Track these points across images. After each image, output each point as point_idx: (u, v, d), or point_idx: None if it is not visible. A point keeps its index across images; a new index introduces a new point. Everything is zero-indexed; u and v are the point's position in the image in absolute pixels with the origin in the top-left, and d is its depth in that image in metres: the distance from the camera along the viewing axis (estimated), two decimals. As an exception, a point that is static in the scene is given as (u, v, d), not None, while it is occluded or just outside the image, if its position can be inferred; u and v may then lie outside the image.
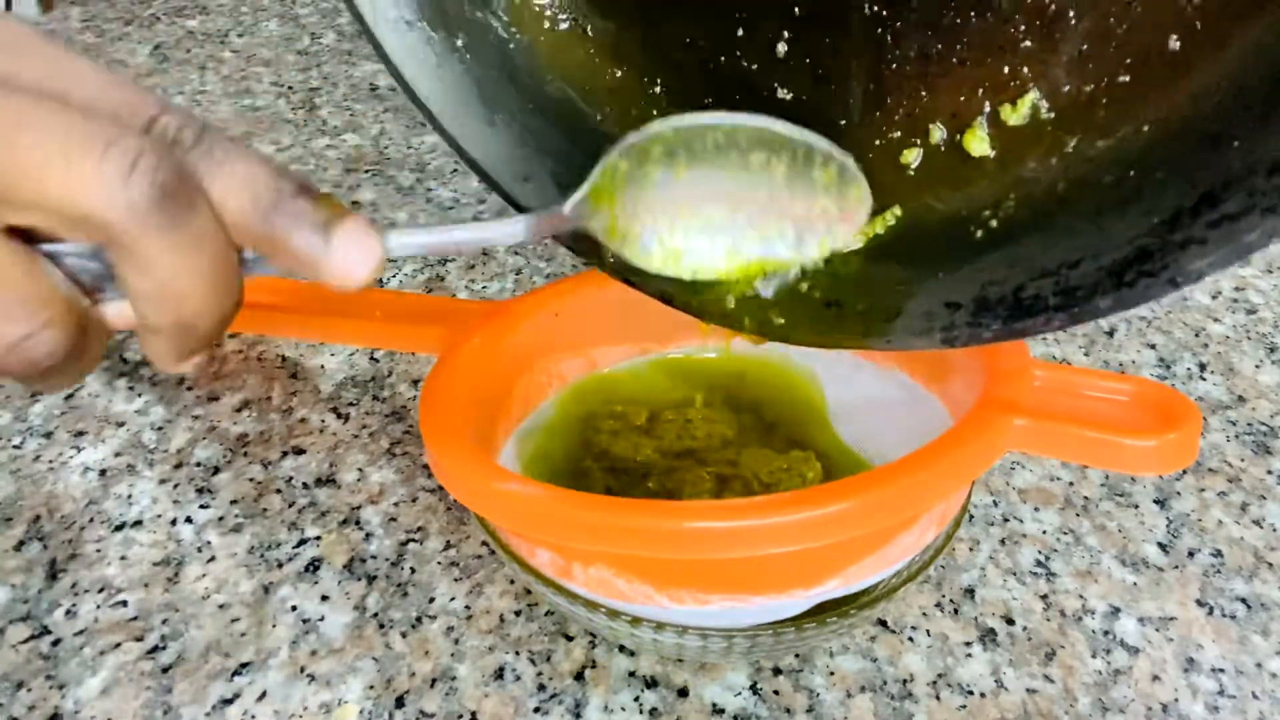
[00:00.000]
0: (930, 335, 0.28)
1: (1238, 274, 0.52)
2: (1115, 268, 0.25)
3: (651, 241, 0.29)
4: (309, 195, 0.26)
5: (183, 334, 0.26)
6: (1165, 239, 0.24)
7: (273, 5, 0.85)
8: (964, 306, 0.27)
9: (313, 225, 0.26)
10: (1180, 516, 0.38)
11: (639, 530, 0.27)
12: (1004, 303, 0.27)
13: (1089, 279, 0.25)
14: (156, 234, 0.23)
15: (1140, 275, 0.24)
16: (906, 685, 0.32)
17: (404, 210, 0.57)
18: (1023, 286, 0.27)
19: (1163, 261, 0.24)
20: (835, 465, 0.36)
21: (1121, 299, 0.25)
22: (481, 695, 0.32)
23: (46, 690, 0.32)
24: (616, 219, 0.29)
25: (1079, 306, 0.25)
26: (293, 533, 0.37)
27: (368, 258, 0.26)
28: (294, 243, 0.26)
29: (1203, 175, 0.24)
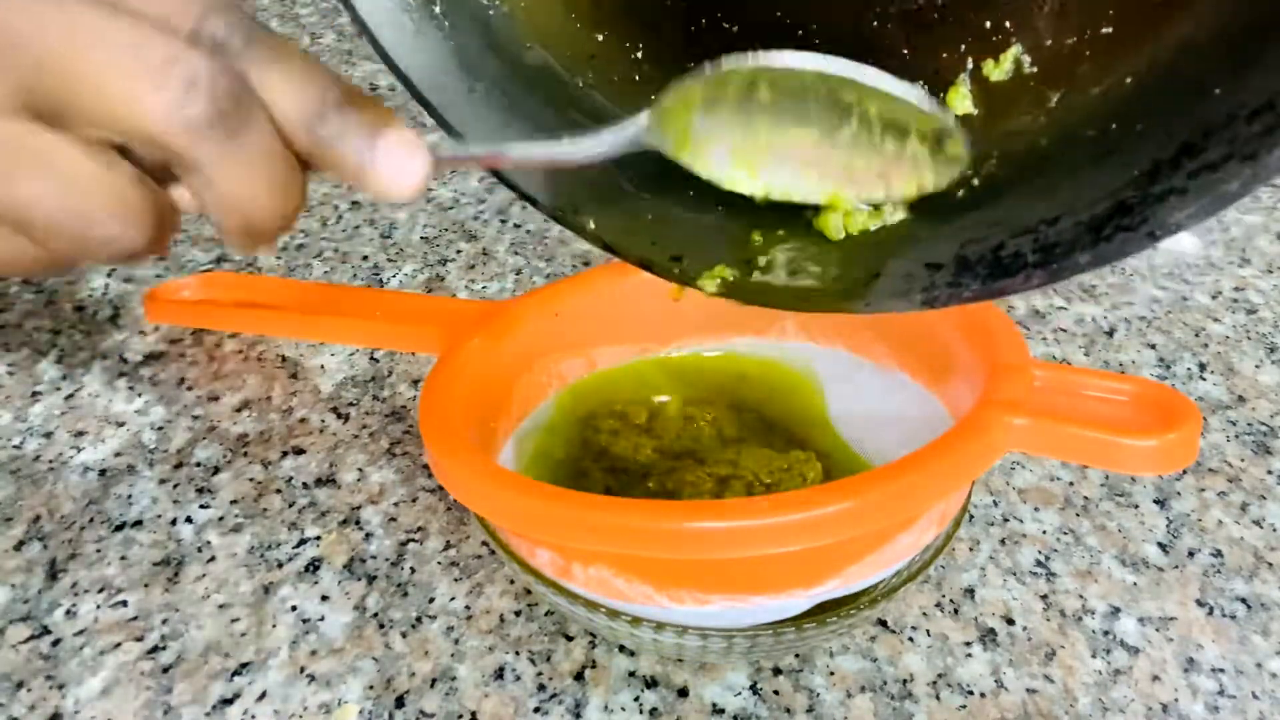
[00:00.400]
0: (910, 296, 0.27)
1: (1238, 274, 0.52)
2: (1094, 223, 0.25)
3: (725, 159, 0.28)
4: (357, 103, 0.26)
5: (250, 231, 0.26)
6: (1145, 191, 0.24)
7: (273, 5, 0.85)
8: (944, 267, 0.27)
9: (358, 134, 0.25)
10: (1180, 516, 0.38)
11: (639, 530, 0.27)
12: (984, 261, 0.27)
13: (1068, 235, 0.25)
14: (215, 148, 0.24)
15: (1118, 229, 0.24)
16: (906, 685, 0.32)
17: (404, 210, 0.57)
18: (1002, 245, 0.26)
19: (1141, 215, 0.24)
20: (835, 465, 0.36)
21: (1100, 254, 0.25)
22: (481, 695, 0.32)
23: (46, 690, 0.32)
24: (690, 133, 0.28)
25: (1058, 263, 0.25)
26: (293, 533, 0.37)
27: (414, 166, 0.26)
28: (340, 151, 0.26)
29: (1183, 125, 0.24)
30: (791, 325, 0.40)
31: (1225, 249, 0.54)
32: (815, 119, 0.28)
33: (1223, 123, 0.23)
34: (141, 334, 0.47)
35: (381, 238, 0.55)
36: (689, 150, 0.28)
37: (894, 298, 0.28)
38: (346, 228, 0.56)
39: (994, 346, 0.31)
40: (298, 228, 0.55)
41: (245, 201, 0.25)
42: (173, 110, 0.23)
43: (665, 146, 0.28)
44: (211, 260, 0.53)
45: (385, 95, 0.70)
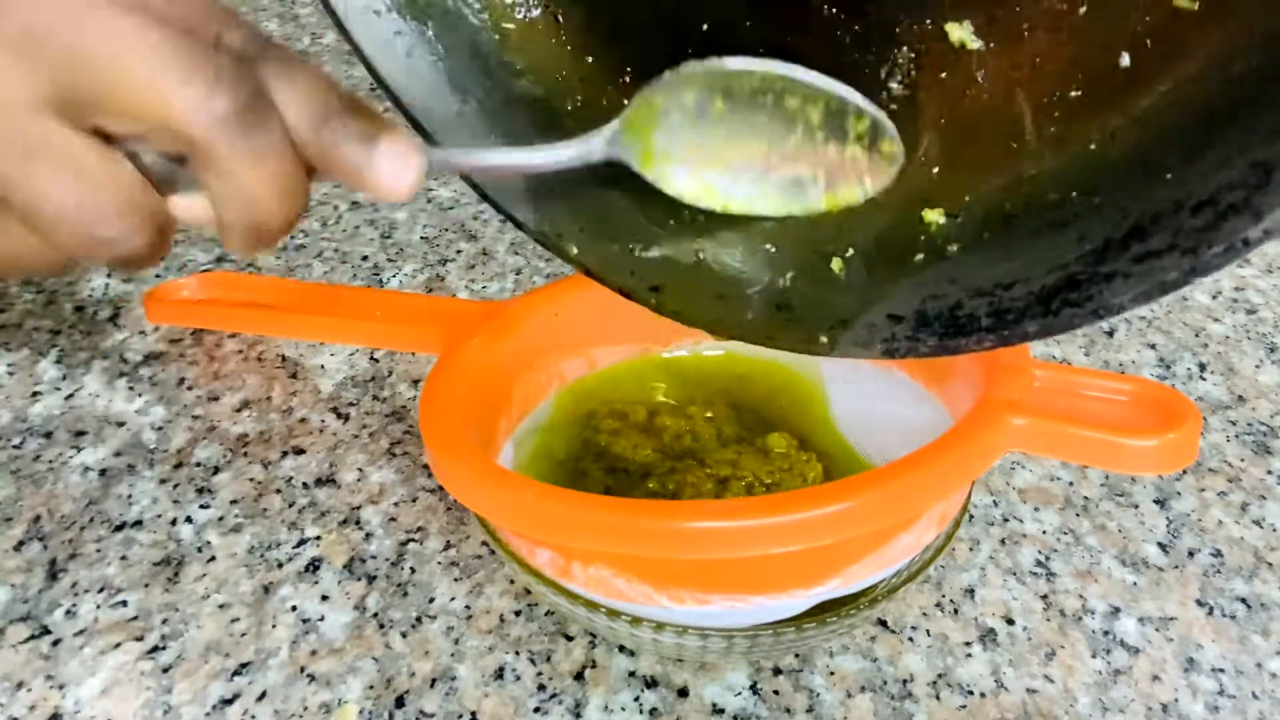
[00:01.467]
0: (871, 346, 0.29)
1: (1238, 274, 0.52)
2: (1044, 294, 0.26)
3: (684, 173, 0.30)
4: (356, 110, 0.28)
5: (254, 231, 0.28)
6: (1093, 269, 0.25)
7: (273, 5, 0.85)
8: (905, 320, 0.28)
9: (358, 139, 0.27)
10: (1180, 516, 0.38)
11: (639, 530, 0.27)
12: (941, 319, 0.28)
13: (1020, 303, 0.27)
14: (235, 145, 0.26)
15: (1065, 304, 0.26)
16: (906, 685, 0.32)
17: (404, 210, 0.57)
18: (960, 304, 0.28)
19: (1088, 292, 0.25)
20: (835, 465, 0.36)
21: (1048, 325, 0.26)
22: (481, 695, 0.32)
23: (46, 690, 0.32)
24: (653, 148, 0.29)
25: (1008, 329, 0.27)
26: (293, 533, 0.37)
27: (409, 170, 0.28)
28: (341, 155, 0.27)
29: (1135, 205, 0.25)
30: (791, 325, 0.40)
31: (1225, 249, 0.54)
32: (764, 129, 0.29)
33: (1170, 210, 0.24)
34: (141, 334, 0.47)
35: (381, 238, 0.55)
36: (652, 165, 0.30)
37: (857, 346, 0.29)
38: (346, 228, 0.56)
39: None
40: (298, 227, 0.55)
41: (256, 199, 0.27)
42: (200, 103, 0.25)
43: (631, 160, 0.30)
44: (211, 260, 0.53)
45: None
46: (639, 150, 0.29)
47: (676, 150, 0.30)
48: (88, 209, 0.26)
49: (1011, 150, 0.29)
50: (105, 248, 0.27)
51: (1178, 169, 0.25)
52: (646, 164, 0.30)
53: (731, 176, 0.30)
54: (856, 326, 0.29)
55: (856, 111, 0.29)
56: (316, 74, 0.28)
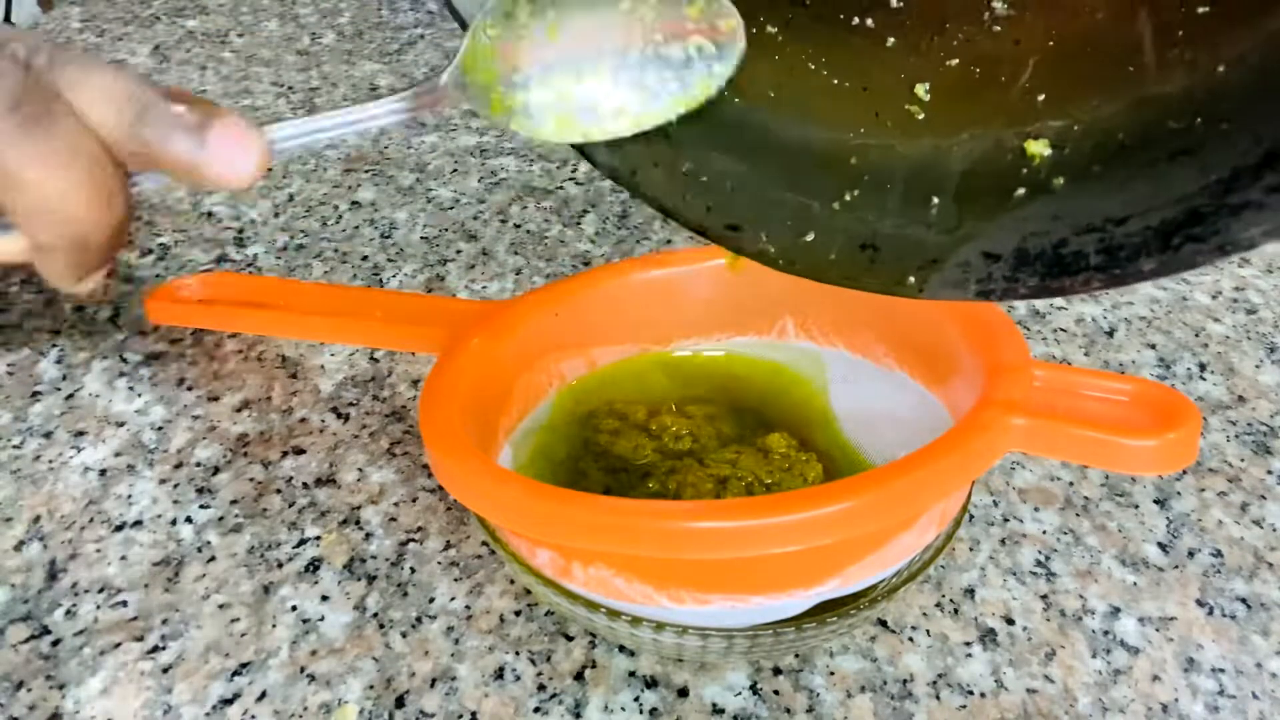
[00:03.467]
0: (965, 287, 0.27)
1: (1238, 274, 0.52)
2: (1164, 228, 0.24)
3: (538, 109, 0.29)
4: (180, 100, 0.26)
5: (75, 250, 0.26)
6: (1220, 201, 0.23)
7: (273, 5, 0.85)
8: (1003, 258, 0.26)
9: (185, 129, 0.25)
10: (1180, 516, 0.38)
11: (639, 530, 0.27)
12: (1043, 258, 0.26)
13: (1135, 239, 0.24)
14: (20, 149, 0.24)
15: (1189, 239, 0.23)
16: (906, 685, 0.32)
17: (404, 210, 0.57)
18: (1065, 241, 0.25)
19: (1214, 226, 0.23)
20: (836, 465, 0.36)
21: (1167, 263, 0.24)
22: (481, 695, 0.32)
23: (46, 690, 0.32)
24: (500, 91, 0.28)
25: (1121, 268, 0.24)
26: (293, 533, 0.37)
27: (248, 153, 0.26)
28: (169, 149, 0.26)
29: (1269, 132, 0.23)
30: (792, 325, 0.40)
31: (1225, 249, 0.54)
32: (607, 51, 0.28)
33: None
34: (141, 334, 0.47)
35: (381, 238, 0.55)
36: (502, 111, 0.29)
37: (949, 287, 0.27)
38: (346, 228, 0.56)
39: (994, 346, 0.31)
40: (297, 228, 0.55)
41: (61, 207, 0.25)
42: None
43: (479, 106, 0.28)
44: (211, 260, 0.53)
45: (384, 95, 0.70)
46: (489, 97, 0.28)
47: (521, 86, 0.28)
48: None
49: (1128, 75, 0.26)
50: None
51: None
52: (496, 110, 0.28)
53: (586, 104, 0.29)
54: (948, 266, 0.27)
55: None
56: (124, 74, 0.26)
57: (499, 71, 0.28)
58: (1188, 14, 0.25)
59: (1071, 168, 0.27)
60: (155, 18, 0.82)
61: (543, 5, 0.28)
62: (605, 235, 0.55)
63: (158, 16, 0.82)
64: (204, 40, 0.78)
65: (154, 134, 0.25)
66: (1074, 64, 0.27)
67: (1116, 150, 0.26)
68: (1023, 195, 0.27)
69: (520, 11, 0.27)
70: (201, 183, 0.26)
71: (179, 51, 0.76)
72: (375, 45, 0.78)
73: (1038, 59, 0.28)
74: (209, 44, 0.77)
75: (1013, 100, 0.28)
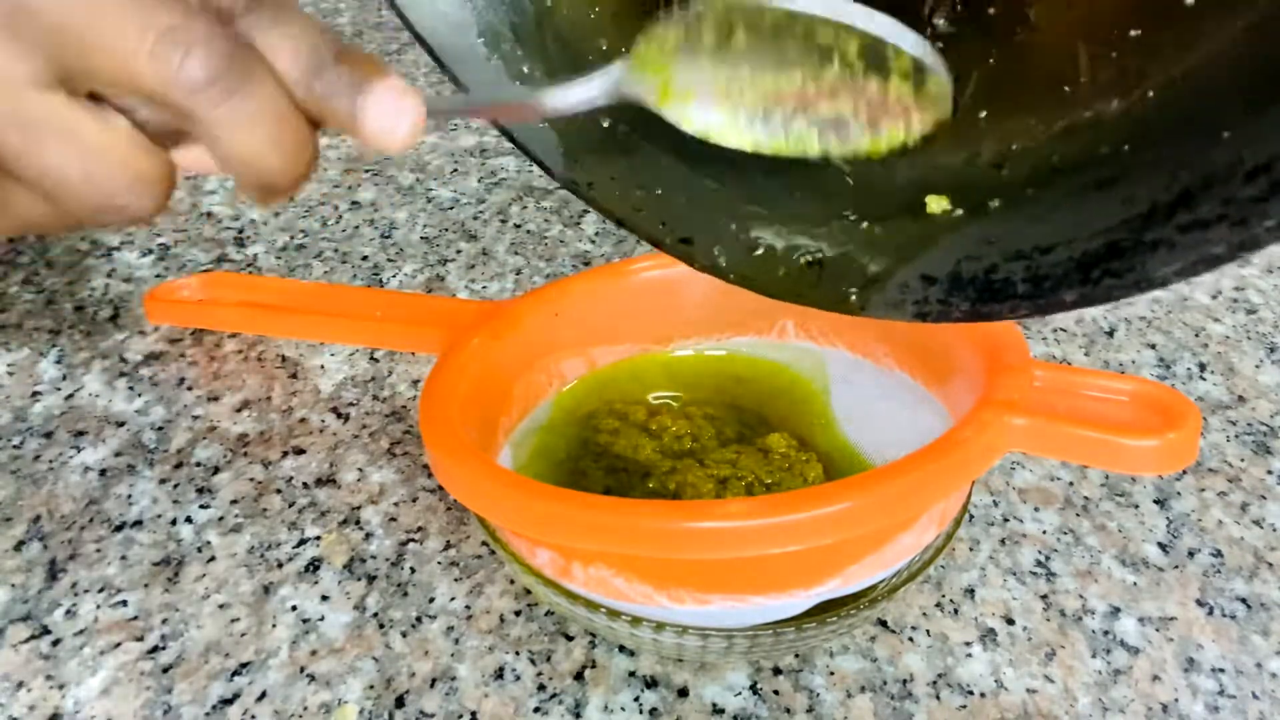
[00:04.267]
0: (903, 308, 0.28)
1: (1238, 274, 0.52)
2: (1085, 260, 0.25)
3: (708, 110, 0.28)
4: (349, 58, 0.27)
5: (264, 188, 0.28)
6: (1137, 237, 0.24)
7: (273, 5, 0.85)
8: (939, 281, 0.27)
9: (350, 85, 0.27)
10: (1180, 516, 0.38)
11: (639, 530, 0.27)
12: (975, 283, 0.27)
13: (1058, 269, 0.25)
14: (219, 111, 0.25)
15: (1106, 274, 0.24)
16: (906, 685, 0.32)
17: (404, 210, 0.57)
18: (995, 267, 0.26)
19: (1130, 261, 0.24)
20: (836, 465, 0.36)
21: (1086, 295, 0.25)
22: (481, 695, 0.32)
23: (46, 690, 0.32)
24: (672, 84, 0.28)
25: (1045, 298, 0.25)
26: (293, 533, 0.37)
27: (403, 117, 0.27)
28: (334, 105, 0.27)
29: (1186, 166, 0.24)
30: (792, 325, 0.40)
31: (1225, 249, 0.54)
32: (797, 62, 0.27)
33: (1223, 175, 0.23)
34: (141, 334, 0.47)
35: (381, 238, 0.55)
36: (671, 100, 0.28)
37: (888, 307, 0.28)
38: (346, 228, 0.56)
39: (994, 346, 0.31)
40: (298, 228, 0.55)
41: (254, 157, 0.27)
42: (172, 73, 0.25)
43: (647, 98, 0.28)
44: (211, 260, 0.53)
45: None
46: (656, 87, 0.28)
47: (699, 86, 0.28)
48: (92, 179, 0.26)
49: (1064, 95, 0.27)
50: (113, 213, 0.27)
51: (1236, 127, 0.23)
52: (664, 101, 0.28)
53: (762, 113, 0.28)
54: (889, 287, 0.28)
55: (896, 49, 0.26)
56: (308, 23, 0.27)
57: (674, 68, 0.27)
58: (1121, 36, 0.26)
59: (1008, 189, 0.28)
60: (155, 18, 0.82)
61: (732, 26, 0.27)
62: (605, 235, 0.55)
63: (158, 16, 0.82)
64: (204, 40, 0.78)
65: (323, 90, 0.27)
66: (1014, 82, 0.28)
67: (1050, 174, 0.27)
68: (961, 216, 0.28)
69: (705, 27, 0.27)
70: (358, 138, 0.27)
71: (179, 51, 0.76)
72: (375, 45, 0.78)
73: (979, 75, 0.29)
74: (209, 44, 0.77)
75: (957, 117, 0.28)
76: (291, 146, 0.27)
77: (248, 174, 0.27)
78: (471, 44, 0.31)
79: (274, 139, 0.26)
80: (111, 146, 0.26)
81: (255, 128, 0.26)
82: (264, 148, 0.26)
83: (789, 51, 0.27)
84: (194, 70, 0.25)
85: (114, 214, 0.27)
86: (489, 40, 0.31)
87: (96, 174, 0.26)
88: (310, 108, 0.27)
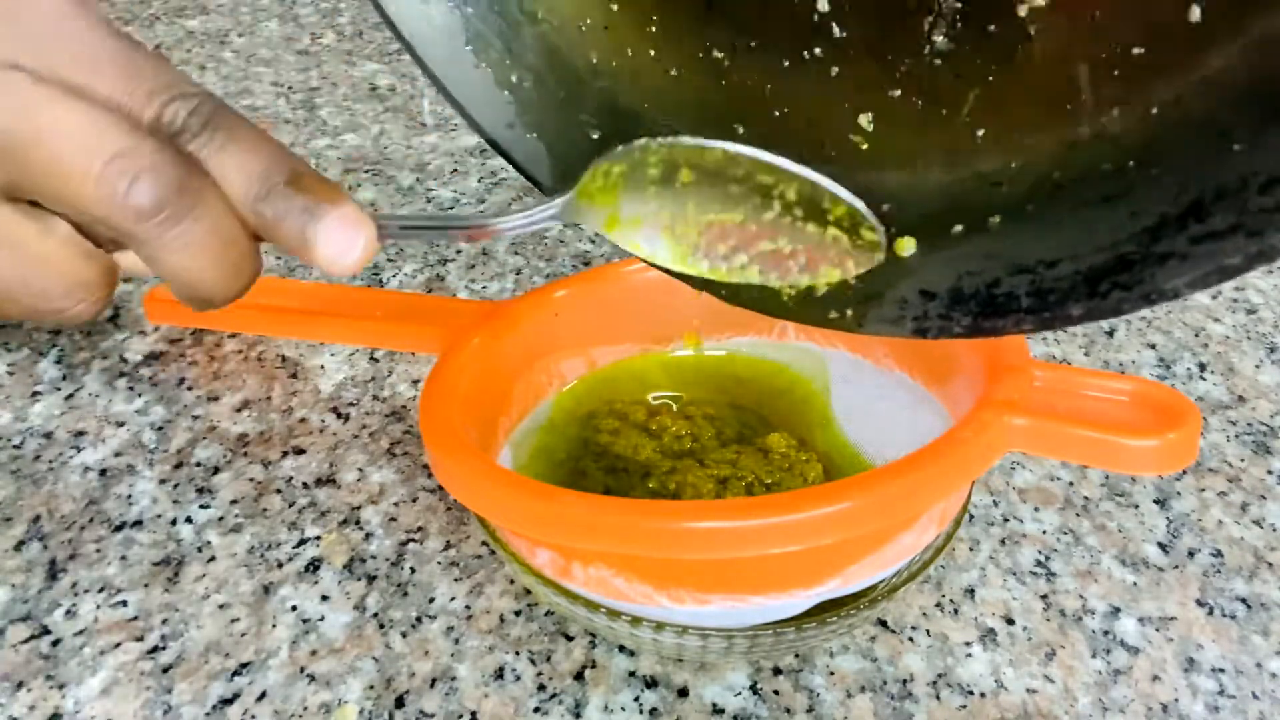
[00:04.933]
0: (901, 324, 0.27)
1: (1238, 274, 0.52)
2: (1092, 274, 0.24)
3: (654, 239, 0.29)
4: (302, 182, 0.27)
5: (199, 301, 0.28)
6: (1147, 250, 0.23)
7: (273, 5, 0.85)
8: (939, 297, 0.27)
9: (301, 213, 0.26)
10: (1180, 516, 0.38)
11: (639, 530, 0.27)
12: (977, 297, 0.26)
13: (1064, 283, 0.25)
14: (161, 233, 0.25)
15: (1115, 287, 0.24)
16: (906, 685, 0.32)
17: (404, 210, 0.57)
18: (998, 281, 0.26)
19: (1139, 274, 0.23)
20: (836, 465, 0.36)
21: (1093, 309, 0.24)
22: (481, 695, 0.32)
23: (46, 690, 0.32)
24: (619, 214, 0.29)
25: (1050, 311, 0.25)
26: (293, 533, 0.37)
27: (353, 245, 0.27)
28: (284, 230, 0.27)
29: (1196, 179, 0.23)
30: (792, 325, 0.40)
31: (1225, 249, 0.54)
32: (739, 201, 0.28)
33: (1236, 187, 0.22)
34: (141, 334, 0.47)
35: (381, 238, 0.55)
36: (618, 229, 0.29)
37: (886, 323, 0.28)
38: (346, 228, 0.56)
39: (994, 346, 0.31)
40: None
41: (193, 277, 0.27)
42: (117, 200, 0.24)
43: (594, 225, 0.29)
44: (211, 260, 0.53)
45: (385, 95, 0.70)
46: (604, 216, 0.29)
47: (645, 216, 0.29)
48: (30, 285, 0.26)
49: (1065, 113, 0.27)
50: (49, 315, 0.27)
51: (1247, 140, 0.23)
52: (611, 229, 0.29)
53: (706, 245, 0.29)
54: (886, 303, 0.28)
55: (831, 198, 0.27)
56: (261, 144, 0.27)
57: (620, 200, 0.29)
58: (1123, 54, 0.26)
59: (1008, 205, 0.27)
60: (155, 18, 0.82)
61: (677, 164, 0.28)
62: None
63: (158, 16, 0.82)
64: (204, 40, 0.78)
65: (271, 214, 0.26)
66: (1012, 100, 0.28)
67: (1052, 190, 0.27)
68: (960, 232, 0.28)
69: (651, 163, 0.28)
70: (309, 263, 0.27)
71: (179, 51, 0.76)
72: (375, 45, 0.78)
73: (978, 93, 0.28)
74: (209, 44, 0.77)
75: (954, 133, 0.28)
76: (231, 266, 0.27)
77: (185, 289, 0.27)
78: (459, 52, 0.30)
79: (216, 260, 0.26)
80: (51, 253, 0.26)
81: (198, 252, 0.26)
82: (205, 268, 0.26)
83: (731, 190, 0.28)
84: (140, 197, 0.24)
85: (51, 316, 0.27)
86: (477, 48, 0.31)
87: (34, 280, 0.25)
88: (259, 229, 0.27)
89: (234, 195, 0.26)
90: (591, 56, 0.32)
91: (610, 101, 0.32)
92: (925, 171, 0.29)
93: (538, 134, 0.31)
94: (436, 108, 0.68)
